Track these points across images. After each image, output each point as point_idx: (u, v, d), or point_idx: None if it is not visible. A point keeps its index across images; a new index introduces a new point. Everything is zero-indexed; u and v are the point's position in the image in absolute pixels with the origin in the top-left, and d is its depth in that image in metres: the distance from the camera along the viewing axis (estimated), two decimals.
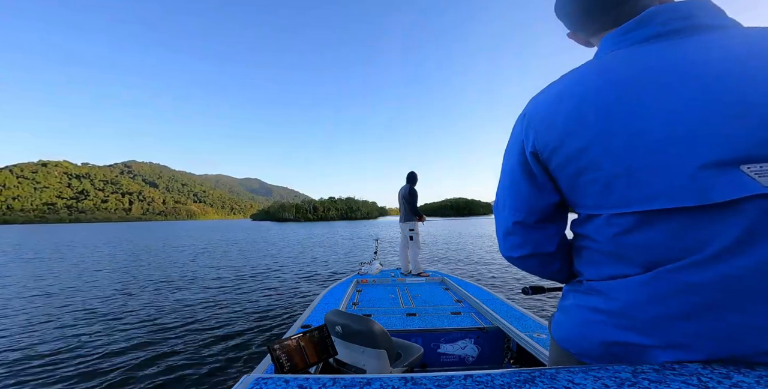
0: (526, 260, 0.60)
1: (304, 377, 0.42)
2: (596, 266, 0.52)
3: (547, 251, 0.58)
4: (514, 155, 0.56)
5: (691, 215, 0.40)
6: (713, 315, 0.40)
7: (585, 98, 0.46)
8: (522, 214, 0.56)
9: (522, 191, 0.56)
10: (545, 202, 0.55)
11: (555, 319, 0.60)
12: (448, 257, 10.51)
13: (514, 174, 0.57)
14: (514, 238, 0.59)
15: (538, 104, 0.53)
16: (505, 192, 0.59)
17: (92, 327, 4.09)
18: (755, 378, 0.37)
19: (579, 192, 0.50)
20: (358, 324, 1.33)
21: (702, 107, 0.39)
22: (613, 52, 0.49)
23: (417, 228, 4.40)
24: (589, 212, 0.50)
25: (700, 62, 0.41)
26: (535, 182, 0.54)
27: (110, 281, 7.21)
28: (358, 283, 3.61)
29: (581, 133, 0.46)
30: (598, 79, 0.47)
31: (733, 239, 0.38)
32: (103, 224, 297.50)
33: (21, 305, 5.18)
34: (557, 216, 0.57)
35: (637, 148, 0.42)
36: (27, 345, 3.46)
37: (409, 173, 4.53)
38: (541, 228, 0.57)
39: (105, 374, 2.83)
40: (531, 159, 0.53)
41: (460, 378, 0.40)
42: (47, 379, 2.74)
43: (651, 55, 0.45)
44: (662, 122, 0.40)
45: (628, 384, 0.37)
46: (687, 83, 0.41)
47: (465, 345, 2.11)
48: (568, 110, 0.48)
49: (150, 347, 3.40)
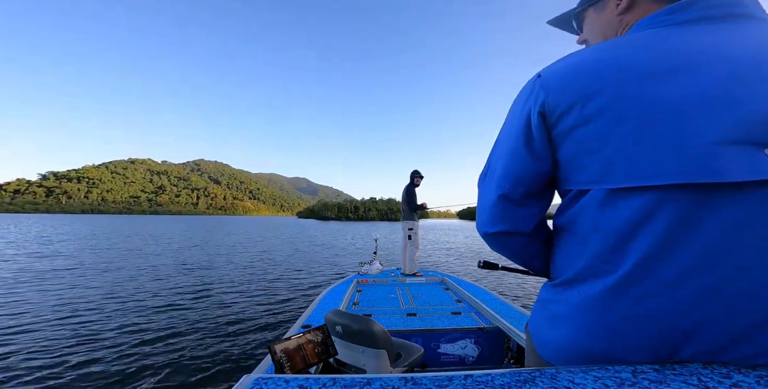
0: (500, 237, 0.57)
1: (304, 377, 0.42)
2: (578, 259, 0.49)
3: (523, 230, 0.56)
4: (517, 118, 0.53)
5: (700, 193, 0.38)
6: (718, 309, 0.38)
7: (613, 63, 0.44)
8: (509, 184, 0.54)
9: (516, 157, 0.53)
10: (536, 171, 0.52)
11: (537, 328, 0.56)
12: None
13: (510, 138, 0.54)
14: (494, 211, 0.56)
15: (557, 65, 0.50)
16: (497, 159, 0.57)
17: (93, 326, 4.02)
18: (755, 378, 0.36)
19: (578, 162, 0.47)
20: (358, 324, 1.33)
21: (734, 88, 0.38)
22: (653, 30, 0.47)
23: (416, 228, 4.46)
24: (582, 188, 0.47)
25: (744, 48, 0.41)
26: (532, 148, 0.51)
27: (102, 281, 7.00)
28: (358, 283, 3.62)
29: (601, 96, 0.43)
30: (630, 48, 0.45)
31: (735, 223, 0.37)
32: (176, 216, 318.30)
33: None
34: (543, 194, 0.55)
35: (658, 117, 0.40)
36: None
37: (412, 172, 4.59)
38: (523, 205, 0.55)
39: (105, 373, 2.80)
40: (536, 120, 0.49)
41: (460, 378, 0.40)
42: (46, 379, 2.68)
43: (694, 35, 0.43)
44: (691, 95, 0.39)
45: (628, 384, 0.36)
46: (723, 65, 0.40)
47: (465, 345, 2.11)
48: (591, 71, 0.45)
49: (150, 346, 3.39)
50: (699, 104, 0.38)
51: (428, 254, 10.42)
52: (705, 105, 0.38)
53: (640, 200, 0.41)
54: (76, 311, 4.63)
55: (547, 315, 0.54)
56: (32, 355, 3.15)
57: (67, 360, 3.05)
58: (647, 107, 0.40)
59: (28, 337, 3.59)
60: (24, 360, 3.04)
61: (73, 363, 3.00)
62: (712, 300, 0.39)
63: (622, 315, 0.42)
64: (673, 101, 0.39)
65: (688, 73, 0.40)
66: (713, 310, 0.39)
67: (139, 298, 5.45)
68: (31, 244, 14.25)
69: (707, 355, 0.40)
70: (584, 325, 0.46)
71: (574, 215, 0.49)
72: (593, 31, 0.61)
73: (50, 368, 2.91)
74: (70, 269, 7.97)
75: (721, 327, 0.39)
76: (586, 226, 0.47)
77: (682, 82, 0.40)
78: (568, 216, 0.51)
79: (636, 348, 0.42)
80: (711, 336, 0.39)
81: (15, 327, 3.93)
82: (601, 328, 0.44)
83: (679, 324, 0.40)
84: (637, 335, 0.42)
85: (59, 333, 3.74)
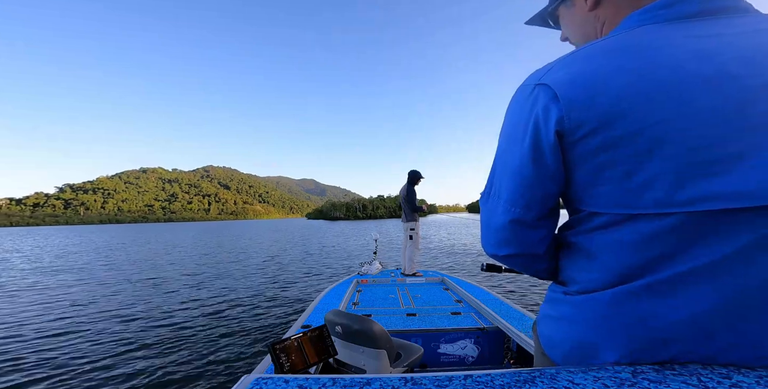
0: (511, 258, 0.55)
1: (304, 377, 0.42)
2: (588, 271, 0.47)
3: (536, 252, 0.52)
4: (522, 134, 0.47)
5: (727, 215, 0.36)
6: (732, 319, 0.38)
7: (641, 74, 0.39)
8: (519, 208, 0.49)
9: (525, 179, 0.48)
10: (549, 193, 0.48)
11: (545, 329, 0.55)
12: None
13: (514, 157, 0.48)
14: (503, 235, 0.52)
15: (568, 75, 0.43)
16: (501, 179, 0.51)
17: (97, 325, 4.10)
18: (755, 378, 0.36)
19: (597, 187, 0.43)
20: (358, 324, 1.34)
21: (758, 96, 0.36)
22: (650, 27, 0.43)
23: (417, 228, 4.45)
24: (599, 211, 0.44)
25: (754, 45, 0.38)
26: (545, 170, 0.46)
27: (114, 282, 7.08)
28: (358, 283, 3.62)
29: (636, 115, 0.38)
30: (644, 53, 0.40)
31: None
32: (190, 223, 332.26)
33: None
34: (553, 213, 0.52)
35: (707, 138, 0.36)
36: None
37: (409, 171, 4.52)
38: (536, 227, 0.50)
39: (105, 373, 2.82)
40: (551, 140, 0.44)
41: (460, 378, 0.40)
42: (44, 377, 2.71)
43: (702, 33, 0.40)
44: (734, 108, 0.36)
45: (628, 384, 0.36)
46: (745, 67, 0.37)
47: (465, 345, 2.11)
48: (619, 86, 0.39)
49: (149, 346, 3.41)
50: (744, 119, 0.35)
51: (434, 256, 10.41)
52: (752, 120, 0.35)
53: (661, 221, 0.39)
54: (99, 302, 4.74)
55: (556, 315, 0.52)
56: (42, 353, 3.25)
57: (67, 360, 3.12)
58: (692, 128, 0.36)
59: (64, 338, 3.69)
60: (36, 360, 3.12)
61: (73, 363, 3.05)
62: (728, 311, 0.38)
63: (630, 318, 0.42)
64: (723, 116, 0.36)
65: (716, 82, 0.37)
66: (727, 319, 0.38)
67: (141, 298, 5.58)
68: (89, 253, 14.88)
69: (711, 359, 0.40)
70: (592, 326, 0.45)
71: (586, 233, 0.48)
72: (571, 28, 0.60)
73: (60, 365, 2.99)
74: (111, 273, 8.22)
75: (733, 333, 0.38)
76: (598, 242, 0.46)
77: (714, 94, 0.36)
78: (578, 233, 0.49)
79: (643, 350, 0.42)
80: (722, 342, 0.39)
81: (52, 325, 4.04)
82: (609, 330, 0.44)
83: (691, 333, 0.39)
84: (646, 337, 0.42)
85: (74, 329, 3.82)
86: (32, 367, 3.02)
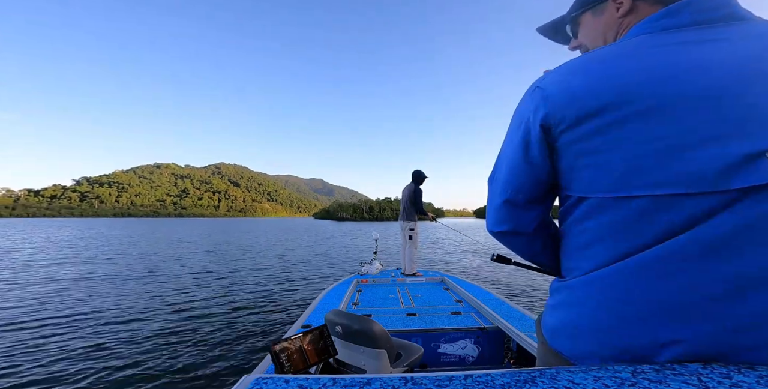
0: (506, 235, 0.61)
1: (304, 377, 0.42)
2: (584, 259, 0.50)
3: (525, 231, 0.59)
4: (516, 128, 0.55)
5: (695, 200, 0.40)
6: (718, 308, 0.39)
7: (623, 75, 0.44)
8: (511, 191, 0.57)
9: (516, 167, 0.55)
10: (536, 180, 0.54)
11: (545, 318, 0.59)
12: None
13: (510, 148, 0.56)
14: (499, 213, 0.60)
15: (557, 78, 0.50)
16: (501, 165, 0.59)
17: (98, 326, 4.09)
18: (755, 378, 0.36)
19: (578, 173, 0.49)
20: (358, 324, 1.34)
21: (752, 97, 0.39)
22: (645, 36, 0.47)
23: (417, 228, 4.41)
24: (582, 195, 0.50)
25: (743, 51, 0.41)
26: (532, 160, 0.53)
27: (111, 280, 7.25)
28: (358, 283, 3.63)
29: (605, 112, 0.44)
30: (624, 60, 0.45)
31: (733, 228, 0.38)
32: (200, 219, 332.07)
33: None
34: (544, 199, 0.58)
35: (673, 130, 0.40)
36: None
37: (414, 171, 4.49)
38: (526, 208, 0.57)
39: (104, 373, 2.81)
40: (538, 133, 0.50)
41: (460, 378, 0.40)
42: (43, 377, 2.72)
43: (690, 43, 0.44)
44: (709, 106, 0.40)
45: (628, 384, 0.36)
46: (717, 72, 0.41)
47: (465, 345, 2.11)
48: (592, 87, 0.45)
49: (150, 346, 3.41)
50: (712, 115, 0.39)
51: (437, 257, 10.34)
52: (725, 115, 0.39)
53: (640, 201, 0.43)
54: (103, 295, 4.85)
55: (554, 303, 0.56)
56: (38, 353, 3.25)
57: (66, 358, 3.13)
58: (660, 121, 0.41)
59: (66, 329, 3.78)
60: (34, 359, 3.14)
61: (72, 362, 3.05)
62: (728, 296, 0.39)
63: (630, 304, 0.44)
64: (693, 112, 0.40)
65: (705, 85, 0.40)
66: (726, 305, 0.39)
67: (141, 297, 5.61)
68: (107, 245, 15.28)
69: (708, 348, 0.41)
70: (592, 313, 0.48)
71: (575, 219, 0.52)
72: (590, 35, 0.62)
73: (57, 364, 3.00)
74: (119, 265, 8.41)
75: (733, 320, 0.39)
76: (587, 229, 0.50)
77: (699, 95, 0.40)
78: (569, 220, 0.53)
79: (642, 335, 0.44)
80: (720, 330, 0.40)
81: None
82: (609, 316, 0.46)
83: (688, 314, 0.41)
84: (644, 322, 0.43)
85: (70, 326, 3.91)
86: (32, 367, 3.00)
